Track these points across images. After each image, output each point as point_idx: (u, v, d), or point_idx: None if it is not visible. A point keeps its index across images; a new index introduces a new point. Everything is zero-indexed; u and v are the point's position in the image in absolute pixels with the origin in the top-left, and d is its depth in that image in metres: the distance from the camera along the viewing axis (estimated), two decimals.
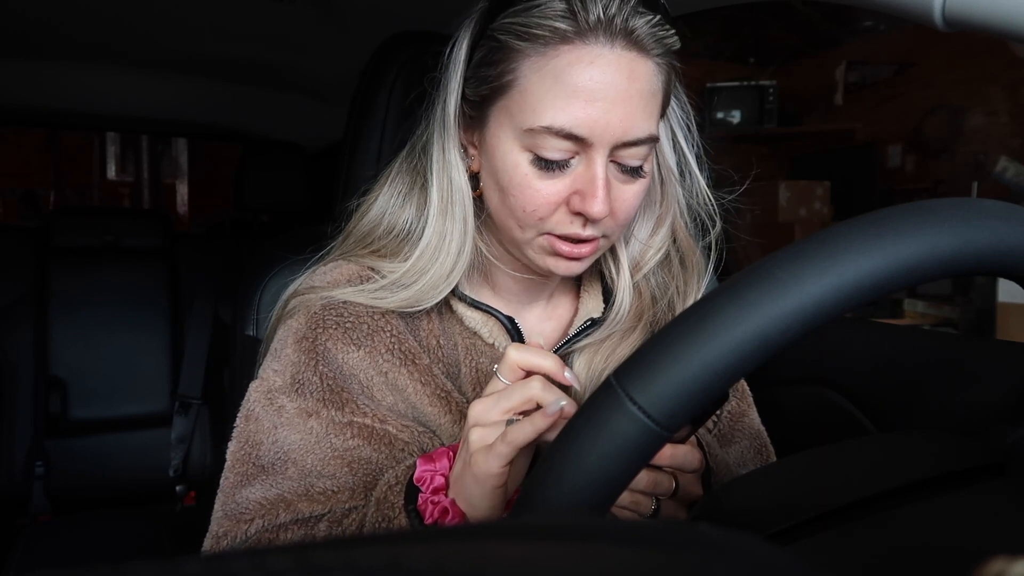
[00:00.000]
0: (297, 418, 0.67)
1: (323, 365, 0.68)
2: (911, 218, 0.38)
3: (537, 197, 0.63)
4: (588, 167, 0.62)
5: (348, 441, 0.67)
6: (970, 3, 0.57)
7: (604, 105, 0.59)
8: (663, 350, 0.37)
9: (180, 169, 4.78)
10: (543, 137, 0.61)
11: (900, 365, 0.97)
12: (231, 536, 0.66)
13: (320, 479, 0.66)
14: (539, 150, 0.61)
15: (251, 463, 0.67)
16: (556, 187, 0.63)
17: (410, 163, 0.75)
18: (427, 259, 0.69)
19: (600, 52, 0.59)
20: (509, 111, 0.63)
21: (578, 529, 0.22)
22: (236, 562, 0.17)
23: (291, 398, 0.68)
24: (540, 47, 0.60)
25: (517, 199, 0.64)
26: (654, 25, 0.60)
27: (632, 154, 0.63)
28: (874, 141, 3.64)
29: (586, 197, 0.61)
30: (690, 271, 0.77)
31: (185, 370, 1.89)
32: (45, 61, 1.71)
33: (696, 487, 0.65)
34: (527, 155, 0.62)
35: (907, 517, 0.41)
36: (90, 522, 1.73)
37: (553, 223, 0.64)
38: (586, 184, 0.62)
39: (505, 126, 0.63)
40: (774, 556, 0.21)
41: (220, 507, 0.68)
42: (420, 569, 0.18)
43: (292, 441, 0.67)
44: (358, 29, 1.39)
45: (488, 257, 0.72)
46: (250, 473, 0.67)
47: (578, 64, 0.59)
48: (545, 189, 0.63)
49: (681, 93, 0.72)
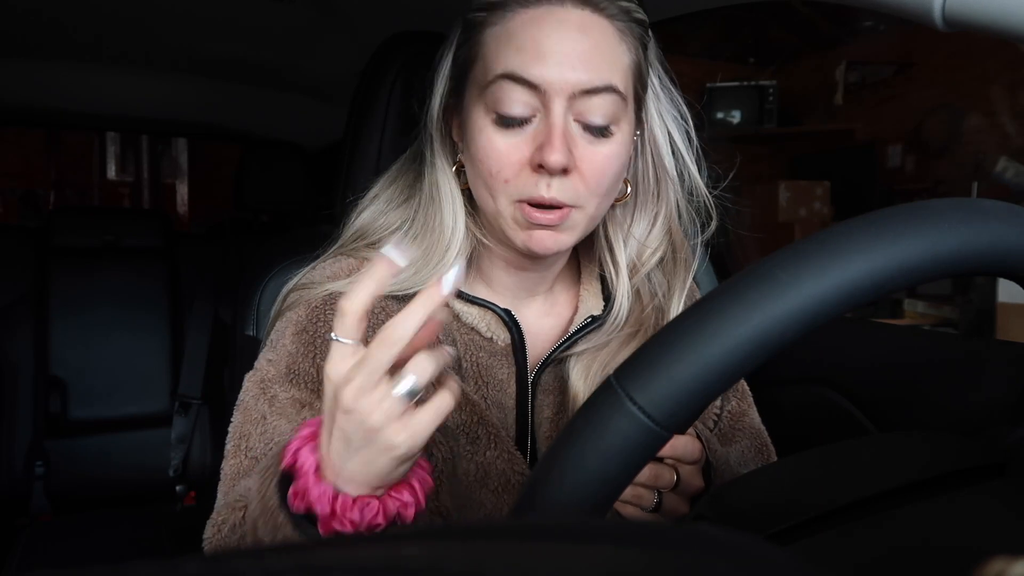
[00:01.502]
0: (290, 408, 0.67)
1: (320, 357, 0.68)
2: (911, 218, 0.38)
3: (501, 157, 0.64)
4: (547, 119, 0.63)
5: None
6: (970, 3, 0.57)
7: (557, 57, 0.62)
8: (663, 350, 0.37)
9: (180, 169, 4.77)
10: (500, 87, 0.63)
11: (900, 365, 0.97)
12: (229, 524, 0.66)
13: None
14: (499, 106, 0.64)
15: (243, 454, 0.68)
16: (518, 145, 0.64)
17: (410, 164, 0.77)
18: (420, 239, 0.70)
19: (551, 10, 0.63)
20: (475, 80, 0.66)
21: (578, 529, 0.22)
22: (236, 562, 0.17)
23: (284, 387, 0.68)
24: (500, 13, 0.65)
25: (484, 163, 0.65)
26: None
27: (593, 107, 0.63)
28: (874, 141, 3.64)
29: (543, 148, 0.62)
30: (679, 265, 0.78)
31: (185, 370, 1.89)
32: (45, 61, 1.71)
33: (697, 479, 0.65)
34: (491, 116, 0.64)
35: (907, 517, 0.41)
36: (90, 522, 1.74)
37: (520, 185, 0.65)
38: (545, 136, 0.63)
39: (473, 95, 0.66)
40: (774, 556, 0.21)
41: (222, 496, 0.68)
42: (419, 568, 0.18)
43: (283, 431, 0.66)
44: (358, 29, 1.39)
45: (481, 251, 0.72)
46: (244, 464, 0.67)
47: (531, 22, 0.63)
48: (508, 148, 0.64)
49: (673, 91, 0.73)
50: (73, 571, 0.18)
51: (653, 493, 0.63)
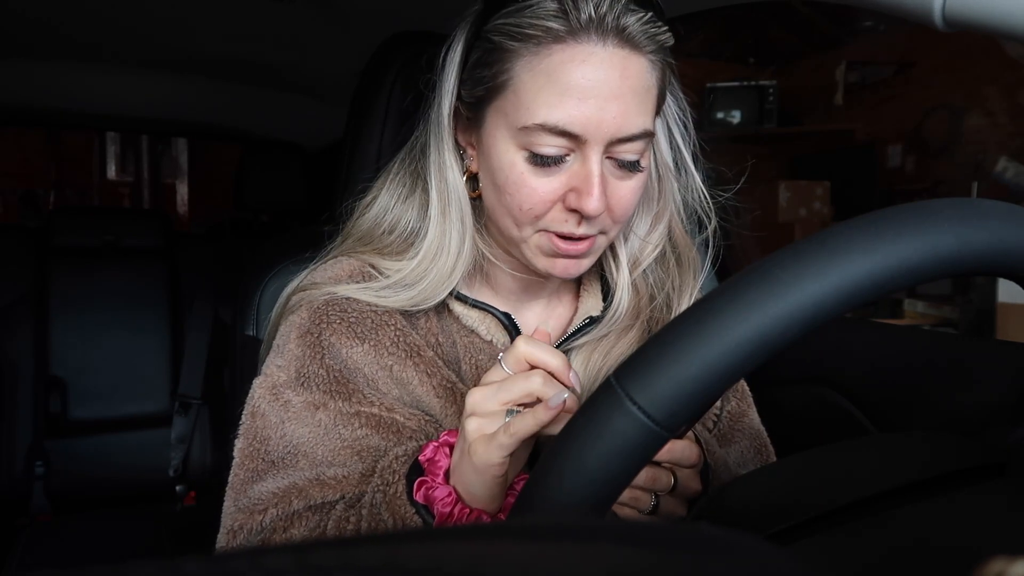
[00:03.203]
0: (304, 411, 0.68)
1: (328, 358, 0.69)
2: (911, 218, 0.38)
3: (533, 195, 0.63)
4: (584, 164, 0.62)
5: (357, 431, 0.67)
6: (970, 3, 0.57)
7: (597, 102, 0.60)
8: (663, 350, 0.37)
9: (180, 169, 4.77)
10: (537, 134, 0.61)
11: (900, 365, 0.97)
12: (247, 529, 0.66)
13: (331, 468, 0.66)
14: (534, 147, 0.62)
15: (260, 459, 0.68)
16: (552, 184, 0.63)
17: (409, 164, 0.76)
18: (429, 260, 0.70)
19: (592, 50, 0.60)
20: (504, 111, 0.64)
21: (578, 529, 0.22)
22: (236, 562, 0.17)
23: (297, 392, 0.68)
24: (533, 47, 0.61)
25: (513, 197, 0.64)
26: (645, 22, 0.61)
27: (627, 149, 0.63)
28: (874, 141, 3.64)
29: (582, 194, 0.62)
30: (686, 267, 0.78)
31: (185, 370, 1.89)
32: (45, 61, 1.71)
33: (695, 482, 0.65)
34: (523, 153, 0.63)
35: (907, 517, 0.41)
36: (90, 522, 1.74)
37: (548, 221, 0.65)
38: (582, 181, 0.62)
39: (500, 126, 0.64)
40: (774, 556, 0.21)
41: (232, 503, 0.68)
42: (419, 569, 0.18)
43: (301, 435, 0.67)
44: (358, 29, 1.39)
45: (488, 257, 0.72)
46: (260, 469, 0.67)
47: (571, 63, 0.60)
48: (541, 187, 0.63)
49: (677, 90, 0.72)
50: (73, 571, 0.18)
51: (650, 495, 0.63)
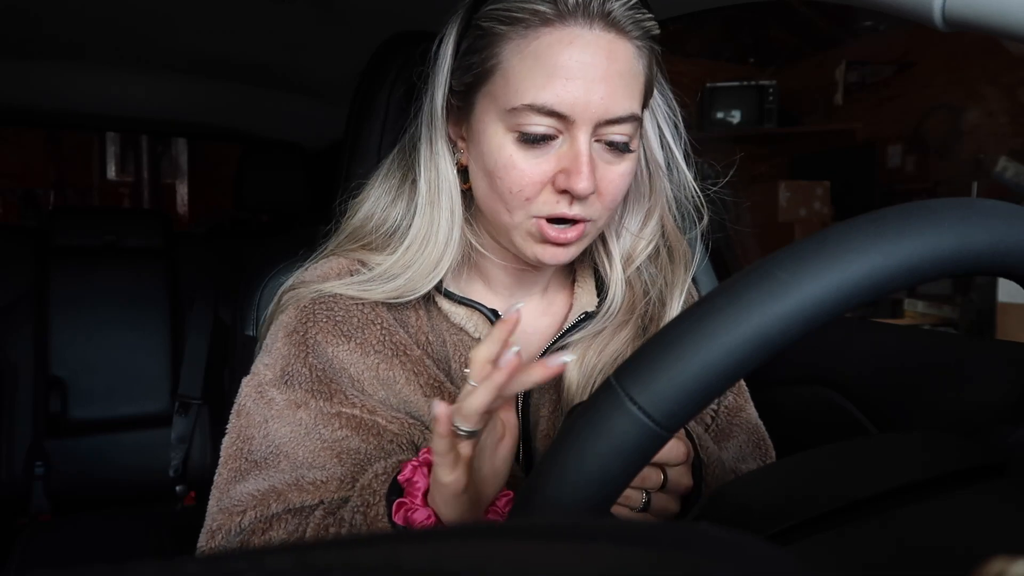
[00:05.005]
0: (287, 410, 0.68)
1: (313, 357, 0.69)
2: (911, 218, 0.38)
3: (522, 177, 0.64)
4: (572, 145, 0.63)
5: (336, 432, 0.67)
6: (970, 3, 0.57)
7: (584, 83, 0.61)
8: (663, 350, 0.37)
9: (180, 169, 4.77)
10: (526, 115, 0.62)
11: (900, 365, 0.97)
12: (225, 529, 0.66)
13: (310, 470, 0.66)
14: (523, 128, 0.63)
15: (243, 458, 0.68)
16: (541, 166, 0.64)
17: (401, 159, 0.76)
18: (415, 250, 0.70)
19: (579, 33, 0.61)
20: (493, 95, 0.65)
21: (578, 529, 0.22)
22: (235, 562, 0.17)
23: (281, 390, 0.68)
24: (521, 30, 0.62)
25: (503, 180, 0.65)
26: (630, 7, 0.62)
27: (616, 131, 0.64)
28: (874, 141, 3.63)
29: (571, 174, 0.63)
30: (678, 262, 0.78)
31: (185, 370, 1.89)
32: (45, 61, 1.71)
33: (685, 478, 0.65)
34: (512, 135, 0.64)
35: (907, 517, 0.41)
36: (90, 522, 1.73)
37: (540, 204, 0.65)
38: (571, 161, 0.63)
39: (490, 110, 0.65)
40: (774, 556, 0.21)
41: (215, 503, 0.68)
42: (419, 569, 0.18)
43: (283, 434, 0.67)
44: (358, 29, 1.39)
45: (478, 249, 0.72)
46: (243, 468, 0.67)
47: (558, 44, 0.61)
48: (530, 168, 0.64)
49: (666, 89, 0.73)
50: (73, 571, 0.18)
51: (641, 493, 0.63)
